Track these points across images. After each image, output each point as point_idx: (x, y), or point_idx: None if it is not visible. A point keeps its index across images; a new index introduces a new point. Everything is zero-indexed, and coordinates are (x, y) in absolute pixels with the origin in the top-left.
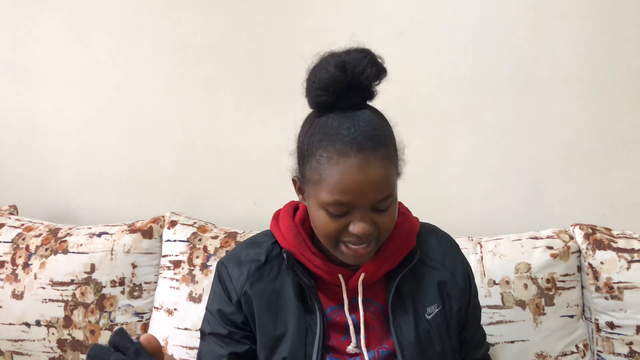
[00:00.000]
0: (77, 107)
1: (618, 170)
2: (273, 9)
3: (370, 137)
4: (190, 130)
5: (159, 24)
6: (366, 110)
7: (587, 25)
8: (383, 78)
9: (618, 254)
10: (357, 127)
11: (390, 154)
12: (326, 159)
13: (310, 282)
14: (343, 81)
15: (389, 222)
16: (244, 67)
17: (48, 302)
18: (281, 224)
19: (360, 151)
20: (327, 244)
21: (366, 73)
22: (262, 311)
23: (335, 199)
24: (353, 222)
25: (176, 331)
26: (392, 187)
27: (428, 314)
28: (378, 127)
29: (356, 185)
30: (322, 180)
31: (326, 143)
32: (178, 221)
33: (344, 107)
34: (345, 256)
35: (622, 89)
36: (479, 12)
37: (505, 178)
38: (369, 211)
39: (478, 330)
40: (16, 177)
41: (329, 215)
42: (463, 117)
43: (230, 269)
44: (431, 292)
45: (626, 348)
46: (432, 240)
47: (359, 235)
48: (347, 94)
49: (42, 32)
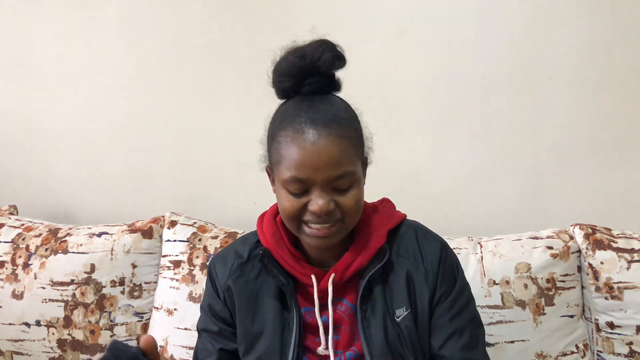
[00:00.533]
0: (77, 107)
1: (618, 170)
2: (273, 8)
3: (326, 116)
4: (190, 130)
5: (159, 24)
6: (328, 96)
7: (587, 25)
8: (342, 65)
9: (618, 254)
10: (314, 108)
11: (348, 134)
12: (284, 137)
13: (287, 280)
14: (302, 67)
15: (351, 203)
16: (244, 67)
17: (48, 302)
18: (264, 223)
19: (315, 128)
20: (290, 226)
21: (323, 58)
22: (242, 307)
23: (292, 175)
24: (311, 200)
25: (176, 331)
26: (348, 165)
27: (397, 317)
28: (337, 109)
29: (310, 160)
30: (281, 160)
31: (285, 124)
32: (178, 221)
33: (305, 93)
34: (309, 238)
35: (622, 89)
36: (479, 11)
37: (505, 178)
38: (327, 189)
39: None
40: (16, 177)
41: (290, 194)
42: (463, 116)
43: (217, 266)
44: (400, 292)
45: (626, 348)
46: (409, 236)
47: (317, 213)
48: (307, 80)
49: (42, 32)
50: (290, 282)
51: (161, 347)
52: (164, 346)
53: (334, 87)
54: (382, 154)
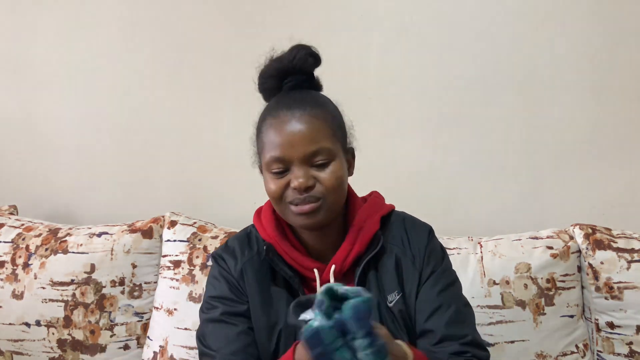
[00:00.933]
0: (77, 107)
1: (618, 170)
2: (273, 9)
3: (301, 101)
4: (190, 130)
5: (159, 24)
6: (306, 90)
7: (587, 26)
8: (317, 63)
9: (618, 254)
10: (291, 98)
11: (323, 115)
12: (265, 127)
13: (293, 273)
14: (280, 68)
15: (331, 178)
16: (244, 67)
17: (48, 302)
18: (263, 217)
19: (289, 110)
20: (278, 208)
21: (298, 56)
22: (254, 294)
23: (271, 156)
24: (292, 178)
25: (176, 331)
26: (324, 142)
27: (389, 302)
28: (313, 96)
29: (286, 139)
30: (264, 146)
31: (265, 115)
32: (178, 221)
33: (287, 91)
34: (295, 217)
35: (621, 89)
36: (479, 12)
37: (505, 178)
38: (306, 166)
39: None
40: (16, 177)
41: (273, 176)
42: (463, 116)
43: (224, 255)
44: (391, 279)
45: (626, 348)
46: (398, 224)
47: (298, 189)
48: (287, 79)
49: (41, 32)
50: (296, 274)
51: (161, 347)
52: (164, 346)
53: (313, 86)
54: (382, 154)
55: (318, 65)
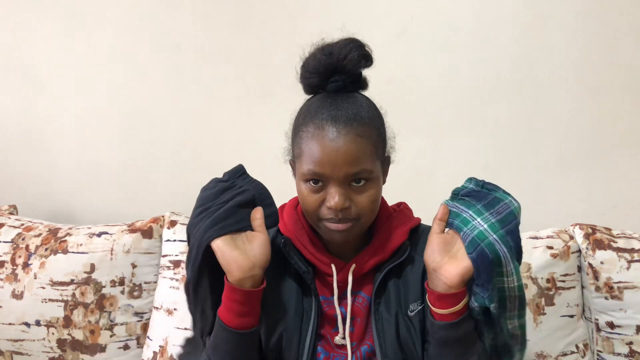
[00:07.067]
0: (77, 106)
1: (618, 170)
2: (273, 8)
3: (347, 114)
4: (190, 130)
5: (159, 24)
6: (353, 94)
7: (586, 25)
8: (368, 64)
9: (618, 253)
10: (337, 106)
11: (368, 132)
12: (305, 133)
13: (307, 268)
14: (328, 64)
15: (367, 201)
16: (244, 67)
17: (48, 302)
18: (285, 212)
19: (335, 125)
20: (311, 220)
21: (350, 56)
22: (265, 291)
23: (310, 170)
24: (328, 196)
25: (176, 331)
26: (366, 164)
27: (410, 311)
28: (359, 108)
29: (327, 157)
30: (302, 154)
31: (307, 120)
32: (178, 221)
33: (331, 90)
34: (329, 232)
35: (621, 89)
36: (478, 12)
37: (505, 178)
38: (344, 186)
39: None
40: (16, 177)
41: (308, 189)
42: (462, 116)
43: None
44: (416, 289)
45: (626, 348)
46: (426, 238)
47: (333, 209)
48: (333, 78)
49: (42, 32)
50: (310, 271)
51: (161, 347)
52: (164, 346)
53: (359, 86)
54: None
55: (369, 67)
